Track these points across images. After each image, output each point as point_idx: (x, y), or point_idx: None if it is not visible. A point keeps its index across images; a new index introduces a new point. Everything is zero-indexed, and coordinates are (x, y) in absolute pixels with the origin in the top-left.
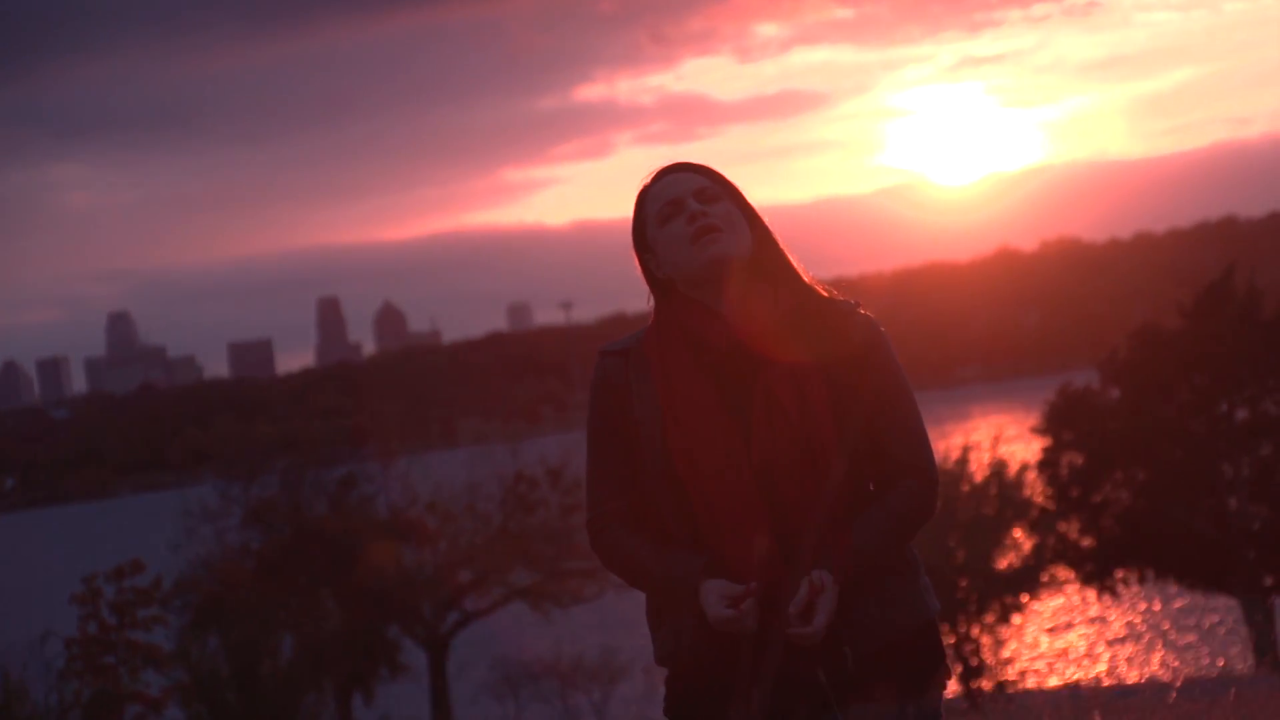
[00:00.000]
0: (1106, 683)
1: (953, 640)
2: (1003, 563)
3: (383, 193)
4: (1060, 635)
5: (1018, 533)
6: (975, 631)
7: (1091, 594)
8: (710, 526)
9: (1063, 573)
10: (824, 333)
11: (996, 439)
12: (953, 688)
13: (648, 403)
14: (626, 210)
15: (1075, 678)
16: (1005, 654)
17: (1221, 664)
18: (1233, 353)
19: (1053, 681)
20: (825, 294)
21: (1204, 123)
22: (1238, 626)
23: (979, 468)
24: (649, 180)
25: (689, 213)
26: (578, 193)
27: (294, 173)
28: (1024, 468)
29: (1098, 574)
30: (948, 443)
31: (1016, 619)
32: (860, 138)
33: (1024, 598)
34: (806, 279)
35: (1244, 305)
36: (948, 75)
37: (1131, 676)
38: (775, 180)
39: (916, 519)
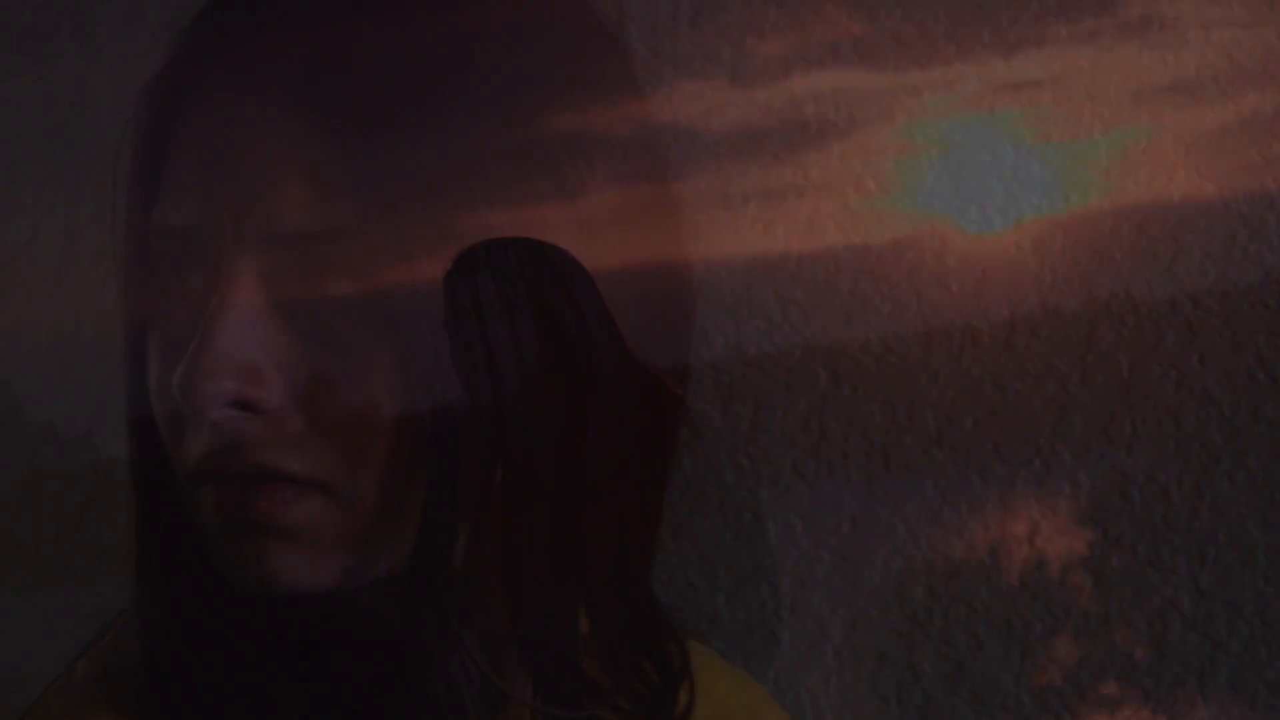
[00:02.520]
0: None
1: None
2: (1041, 679)
3: None
4: None
5: (1059, 643)
6: None
7: (1150, 716)
8: None
9: (1115, 690)
10: None
11: (1032, 531)
12: None
13: None
14: (596, 260)
15: None
16: None
17: None
18: None
19: None
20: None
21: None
22: None
23: (1010, 565)
24: None
25: None
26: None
27: None
28: (1066, 565)
29: (1158, 691)
30: (974, 535)
31: None
32: (874, 176)
33: None
34: None
35: None
36: (979, 102)
37: None
38: (771, 226)
39: None
